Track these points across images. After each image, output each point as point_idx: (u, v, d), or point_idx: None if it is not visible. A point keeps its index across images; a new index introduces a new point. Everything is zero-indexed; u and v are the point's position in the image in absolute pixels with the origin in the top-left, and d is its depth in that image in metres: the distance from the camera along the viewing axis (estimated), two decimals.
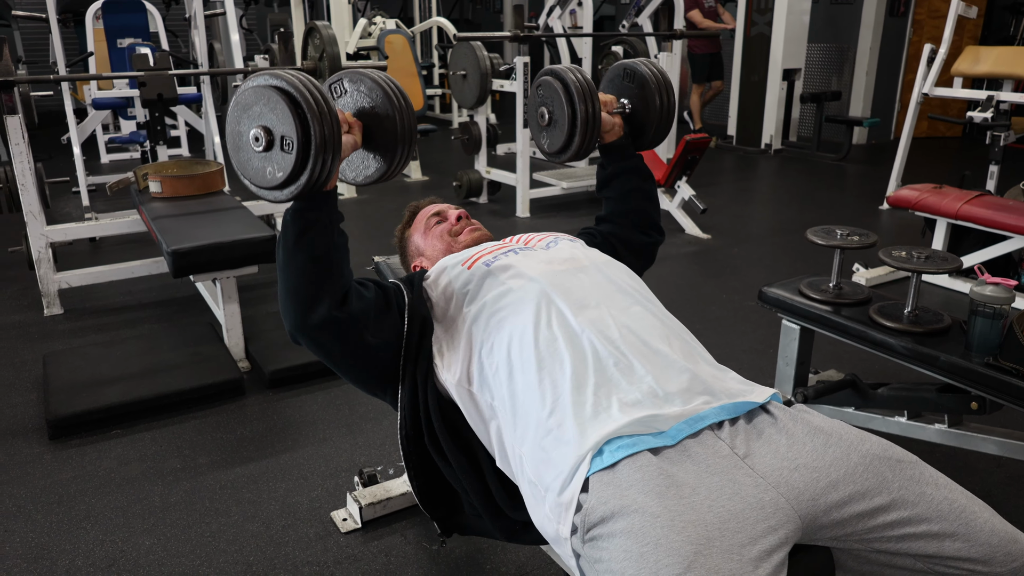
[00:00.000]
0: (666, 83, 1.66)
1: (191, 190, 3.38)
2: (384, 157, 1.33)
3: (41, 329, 3.21)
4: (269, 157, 1.19)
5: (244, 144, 1.21)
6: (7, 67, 3.03)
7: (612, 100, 1.67)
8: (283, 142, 1.16)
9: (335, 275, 1.27)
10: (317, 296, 1.25)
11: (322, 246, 1.25)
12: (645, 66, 1.66)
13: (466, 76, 5.19)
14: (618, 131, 1.67)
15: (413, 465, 1.44)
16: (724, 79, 7.76)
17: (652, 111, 1.66)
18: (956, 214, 3.38)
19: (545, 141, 1.65)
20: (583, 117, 1.55)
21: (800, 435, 1.14)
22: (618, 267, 1.47)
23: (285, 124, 1.15)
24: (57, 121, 5.36)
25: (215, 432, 2.40)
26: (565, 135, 1.58)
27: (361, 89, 1.31)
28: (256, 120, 1.19)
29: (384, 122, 1.29)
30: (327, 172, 1.19)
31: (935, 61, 4.38)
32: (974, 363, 1.77)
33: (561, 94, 1.56)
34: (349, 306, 1.28)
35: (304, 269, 1.25)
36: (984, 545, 1.08)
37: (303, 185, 1.18)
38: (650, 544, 0.98)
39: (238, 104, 1.21)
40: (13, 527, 1.96)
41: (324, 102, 1.16)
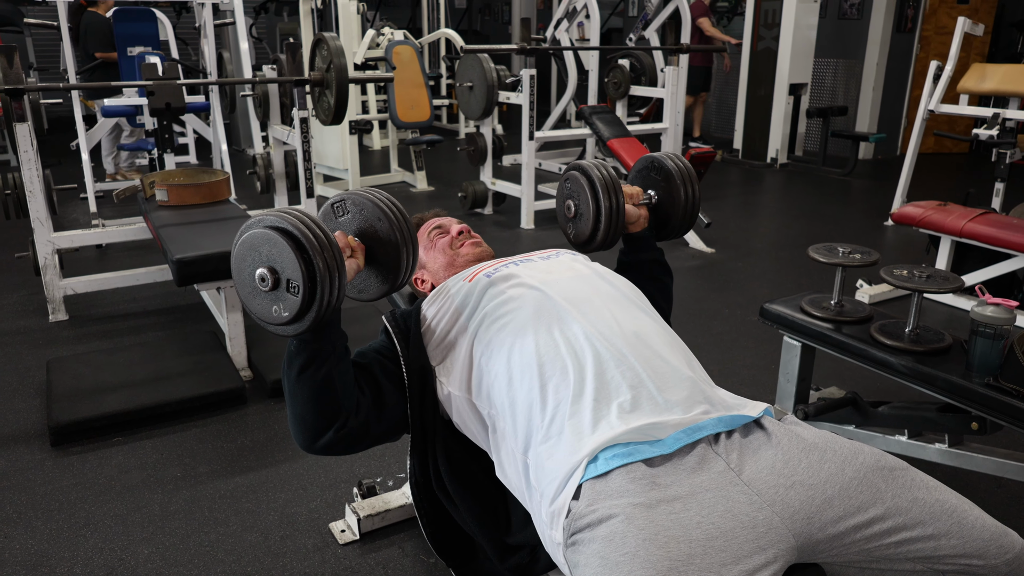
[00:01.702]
0: (691, 176, 1.71)
1: (197, 199, 3.39)
2: (387, 276, 1.37)
3: (46, 335, 3.22)
4: (275, 297, 1.21)
5: (250, 282, 1.24)
6: (17, 75, 3.06)
7: (638, 192, 1.71)
8: (289, 285, 1.19)
9: (338, 404, 1.31)
10: (322, 426, 1.30)
11: (325, 376, 1.28)
12: (671, 160, 1.73)
13: (473, 88, 5.22)
14: (643, 222, 1.72)
15: (425, 511, 1.47)
16: (712, 92, 7.91)
17: (677, 203, 1.72)
18: (960, 231, 3.38)
19: (572, 232, 1.71)
20: (607, 210, 1.60)
21: (795, 451, 1.14)
22: (620, 277, 1.49)
23: (291, 268, 1.18)
24: (67, 127, 5.39)
25: (216, 441, 2.41)
26: (590, 227, 1.63)
27: (363, 212, 1.34)
28: (262, 261, 1.21)
29: (386, 244, 1.33)
30: (332, 306, 1.21)
31: (941, 78, 4.39)
32: (975, 383, 1.77)
33: (587, 188, 1.61)
34: (351, 424, 1.33)
35: (309, 399, 1.29)
36: (977, 540, 1.11)
37: (310, 322, 1.21)
38: (627, 554, 0.98)
39: (244, 244, 1.23)
40: (13, 533, 1.97)
41: (325, 237, 1.18)
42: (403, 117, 5.89)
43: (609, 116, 5.28)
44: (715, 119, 9.31)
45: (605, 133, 5.08)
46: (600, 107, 5.43)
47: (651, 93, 5.87)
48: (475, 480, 1.40)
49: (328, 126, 3.68)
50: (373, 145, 8.09)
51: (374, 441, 1.40)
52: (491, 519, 1.38)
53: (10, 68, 3.06)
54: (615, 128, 5.14)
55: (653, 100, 6.29)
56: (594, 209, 1.61)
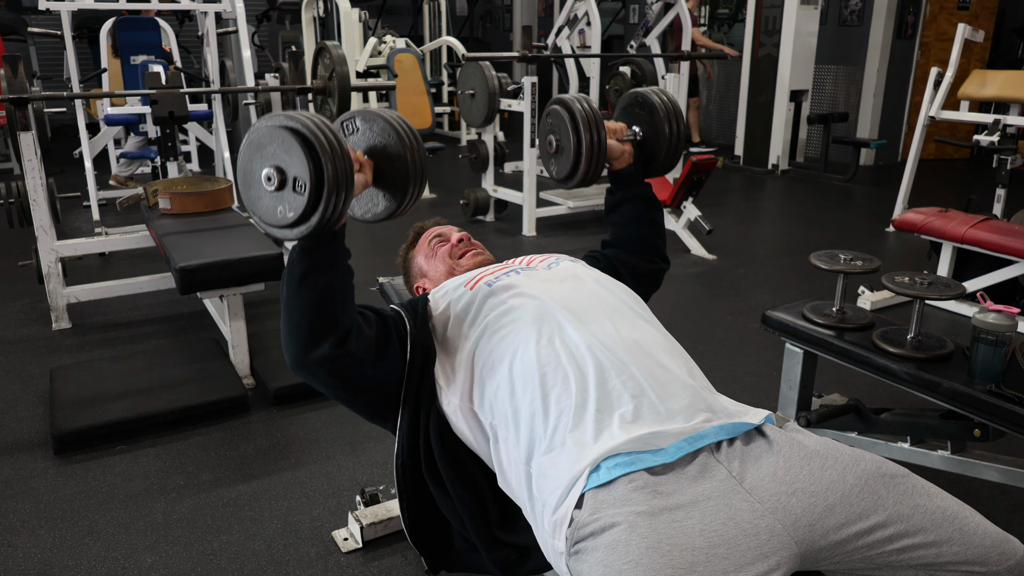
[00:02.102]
0: (676, 111, 1.69)
1: (200, 207, 3.41)
2: (394, 195, 1.34)
3: (49, 343, 3.23)
4: (281, 197, 1.19)
5: (256, 182, 1.22)
6: (22, 84, 3.07)
7: (622, 128, 1.69)
8: (295, 183, 1.17)
9: (338, 315, 1.27)
10: (319, 335, 1.26)
11: (327, 286, 1.25)
12: (656, 95, 1.69)
13: (474, 95, 5.23)
14: (628, 158, 1.70)
15: (407, 496, 1.45)
16: (712, 98, 7.93)
17: (662, 139, 1.69)
18: (962, 238, 3.38)
19: (553, 168, 1.69)
20: (588, 145, 1.57)
21: (796, 459, 1.14)
22: (620, 285, 1.49)
23: (298, 166, 1.16)
24: (70, 135, 5.42)
25: (219, 449, 2.41)
26: (571, 162, 1.61)
27: (373, 128, 1.32)
28: (269, 160, 1.19)
29: (395, 161, 1.30)
30: (338, 212, 1.19)
31: (942, 84, 4.40)
32: (977, 390, 1.77)
33: (568, 123, 1.59)
34: (350, 344, 1.28)
35: (307, 308, 1.25)
36: (979, 547, 1.11)
37: (314, 225, 1.19)
38: (630, 563, 0.99)
39: (251, 143, 1.21)
40: (16, 542, 1.97)
41: (337, 143, 1.17)
42: None
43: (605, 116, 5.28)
44: (716, 126, 9.33)
45: None
46: (602, 114, 5.44)
47: None
48: (467, 469, 1.38)
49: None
50: None
51: (362, 386, 1.34)
52: (481, 510, 1.36)
53: (15, 77, 3.07)
54: None
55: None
56: (575, 144, 1.59)
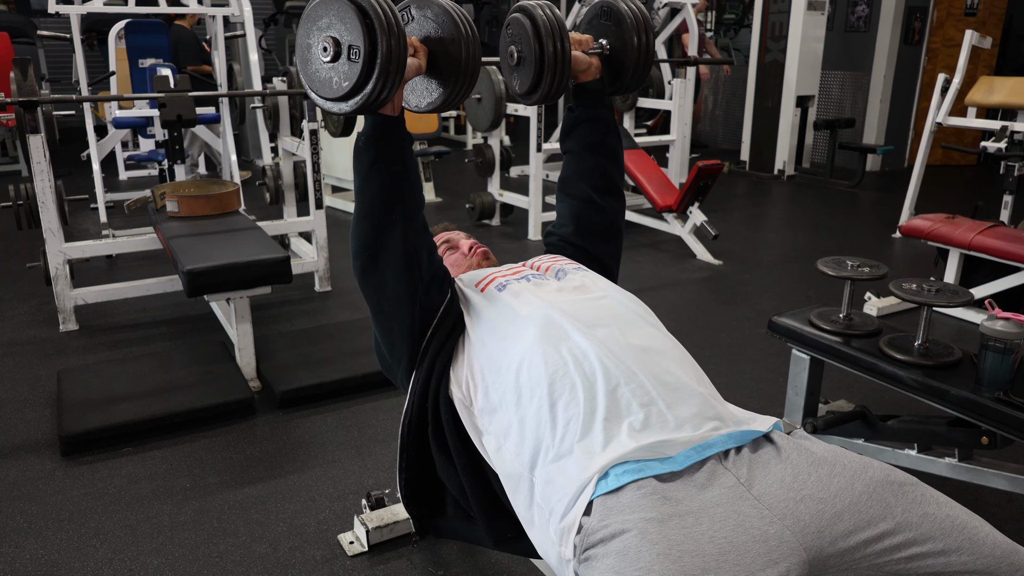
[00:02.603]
0: (645, 22, 1.58)
1: (207, 210, 3.42)
2: (447, 85, 1.34)
3: (56, 345, 3.24)
4: (336, 67, 1.21)
5: (312, 56, 1.23)
6: (32, 87, 3.09)
7: (588, 40, 1.60)
8: (350, 51, 1.19)
9: (408, 199, 1.32)
10: (391, 220, 1.31)
11: (395, 170, 1.30)
12: (623, 3, 1.59)
13: (481, 100, 5.24)
14: (594, 72, 1.61)
15: (408, 455, 1.44)
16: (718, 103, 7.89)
17: (630, 50, 1.58)
18: (969, 245, 3.37)
19: (516, 82, 1.58)
20: (551, 56, 1.47)
21: (804, 465, 1.14)
22: (627, 294, 1.48)
23: (353, 33, 1.17)
24: (78, 137, 5.44)
25: (225, 451, 2.42)
26: (534, 74, 1.51)
27: (428, 15, 1.32)
28: (325, 31, 1.21)
29: (450, 48, 1.30)
30: (390, 87, 1.21)
31: (949, 90, 4.39)
32: (984, 398, 1.76)
33: (529, 32, 1.48)
34: (419, 242, 1.34)
35: (379, 192, 1.31)
36: (988, 557, 1.10)
37: (367, 95, 1.20)
38: (642, 568, 0.98)
39: (308, 17, 1.23)
40: (24, 543, 1.98)
41: (393, 17, 1.18)
42: (411, 129, 5.90)
43: None
44: (722, 131, 9.33)
45: None
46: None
47: (658, 105, 5.89)
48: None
49: (337, 138, 3.70)
50: None
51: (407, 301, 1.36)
52: (484, 479, 1.35)
53: (24, 80, 3.09)
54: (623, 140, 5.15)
55: (660, 112, 6.31)
56: (538, 55, 1.47)
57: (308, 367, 2.85)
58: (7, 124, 6.75)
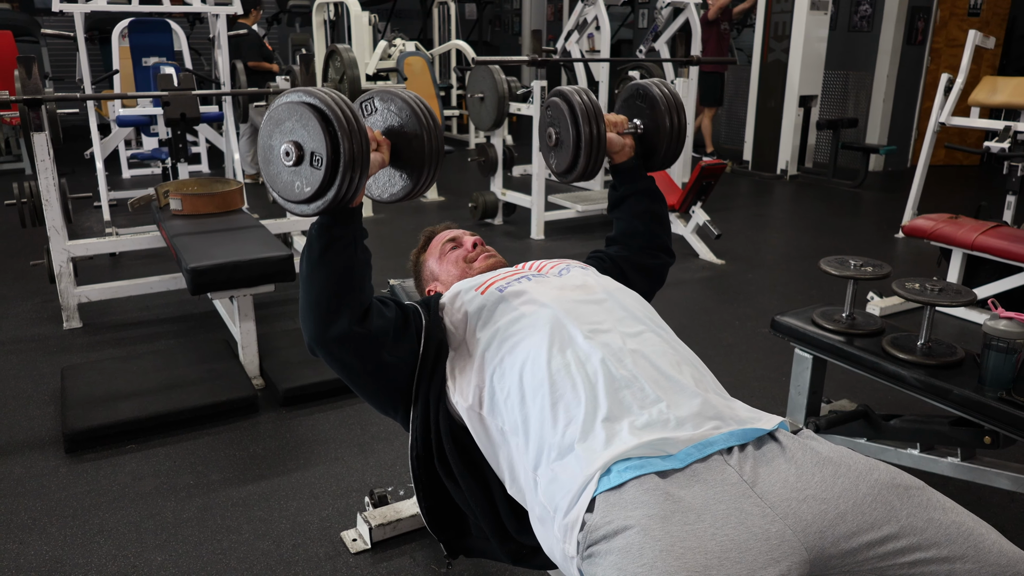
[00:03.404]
0: (677, 104, 1.66)
1: (210, 208, 3.43)
2: (411, 176, 1.35)
3: (60, 342, 3.25)
4: (298, 172, 1.21)
5: (275, 158, 1.24)
6: (35, 86, 3.10)
7: (623, 121, 1.67)
8: (312, 158, 1.19)
9: (357, 291, 1.29)
10: (338, 311, 1.28)
11: (345, 262, 1.27)
12: (656, 87, 1.67)
13: (484, 99, 5.25)
14: (628, 152, 1.68)
15: (423, 486, 1.45)
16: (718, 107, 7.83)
17: (663, 132, 1.66)
18: (972, 245, 3.37)
19: (553, 161, 1.66)
20: (587, 138, 1.55)
21: (809, 465, 1.14)
22: (630, 294, 1.48)
23: (315, 140, 1.18)
24: (81, 136, 5.45)
25: (228, 449, 2.42)
26: (571, 155, 1.59)
27: (391, 108, 1.33)
28: (288, 135, 1.21)
29: (412, 141, 1.32)
30: (354, 188, 1.21)
31: (952, 90, 4.39)
32: (987, 397, 1.76)
33: (567, 115, 1.57)
34: (369, 322, 1.31)
35: (327, 283, 1.27)
36: (994, 566, 1.08)
37: (330, 200, 1.21)
38: (644, 565, 0.99)
39: (271, 119, 1.24)
40: (28, 539, 1.98)
41: (354, 119, 1.19)
42: None
43: None
44: (725, 130, 9.32)
45: None
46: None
47: None
48: (477, 462, 1.38)
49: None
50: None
51: (376, 370, 1.35)
52: (491, 502, 1.37)
53: (28, 78, 3.10)
54: None
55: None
56: (574, 137, 1.56)
57: (311, 365, 2.85)
58: (11, 122, 6.76)
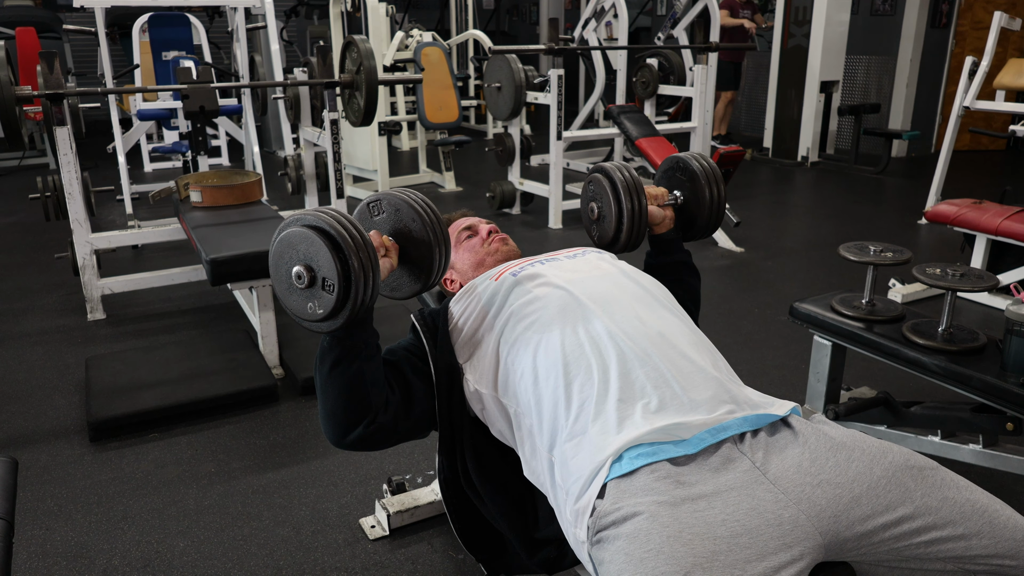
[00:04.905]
0: (716, 176, 1.70)
1: (230, 200, 3.45)
2: (419, 276, 1.39)
3: (84, 333, 3.30)
4: (311, 294, 1.24)
5: (287, 280, 1.26)
6: (57, 80, 3.13)
7: (663, 193, 1.71)
8: (324, 283, 1.21)
9: (368, 399, 1.32)
10: (353, 420, 1.32)
11: (357, 372, 1.30)
12: (696, 160, 1.72)
13: (501, 88, 5.23)
14: (668, 223, 1.71)
15: (453, 508, 1.49)
16: (742, 90, 7.78)
17: (703, 203, 1.70)
18: (996, 230, 3.32)
19: (595, 234, 1.71)
20: (629, 212, 1.59)
21: (822, 450, 1.14)
22: (646, 276, 1.49)
23: (327, 268, 1.20)
24: (103, 130, 5.51)
25: (249, 437, 2.45)
26: (613, 229, 1.63)
27: (398, 212, 1.37)
28: (299, 259, 1.23)
29: (419, 244, 1.35)
30: (366, 304, 1.23)
31: (977, 73, 4.31)
32: (1010, 383, 1.74)
33: (608, 191, 1.62)
34: (381, 419, 1.34)
35: (340, 394, 1.30)
36: (1010, 540, 1.09)
37: (344, 319, 1.23)
38: (652, 551, 0.99)
39: (282, 242, 1.26)
40: (54, 525, 2.02)
41: (360, 237, 1.20)
42: (432, 118, 5.93)
43: (637, 115, 5.27)
44: (744, 117, 9.23)
45: (633, 132, 5.07)
46: (628, 106, 5.42)
47: (680, 92, 5.84)
48: (502, 476, 1.41)
49: (358, 127, 3.72)
50: (402, 146, 8.15)
51: (402, 438, 1.42)
52: (519, 515, 1.39)
53: (51, 73, 3.13)
54: (643, 127, 5.12)
55: (682, 99, 6.26)
56: (616, 211, 1.61)
57: None
58: (35, 117, 6.85)
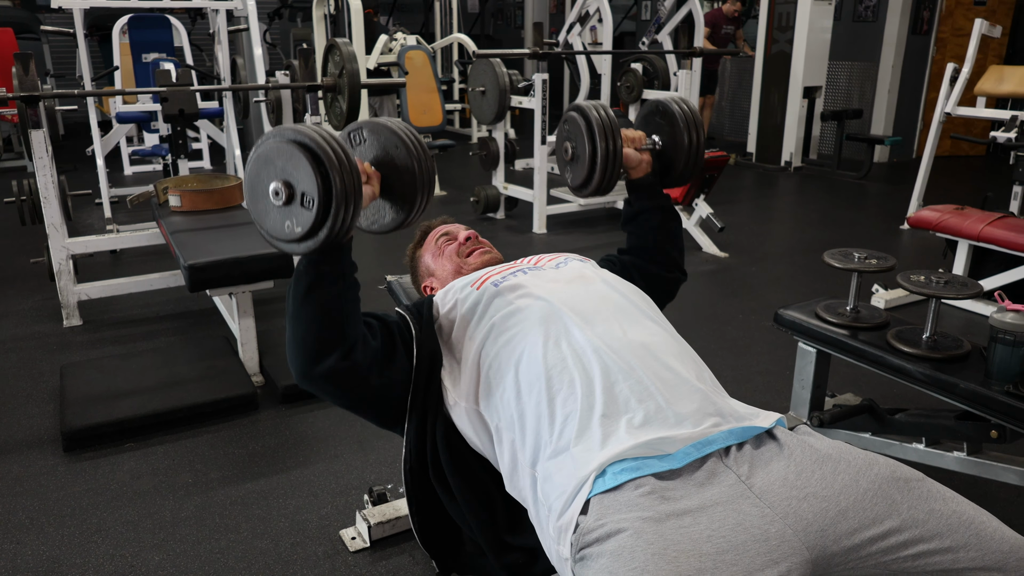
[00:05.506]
0: (696, 121, 1.67)
1: (210, 204, 3.40)
2: (402, 207, 1.34)
3: (60, 340, 3.24)
4: (289, 211, 1.19)
5: (262, 195, 1.21)
6: (33, 82, 3.08)
7: (641, 136, 1.68)
8: (303, 198, 1.17)
9: (343, 328, 1.27)
10: (324, 349, 1.26)
11: (333, 298, 1.25)
12: (676, 104, 1.67)
13: (485, 92, 5.22)
14: (646, 167, 1.68)
15: (416, 500, 1.45)
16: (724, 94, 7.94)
17: (681, 149, 1.67)
18: (978, 236, 3.34)
19: (569, 175, 1.67)
20: (603, 153, 1.56)
21: (808, 463, 1.12)
22: (629, 286, 1.46)
23: (307, 182, 1.15)
24: (83, 133, 5.44)
25: (227, 447, 2.41)
26: (586, 170, 1.60)
27: (380, 139, 1.31)
28: (277, 174, 1.18)
29: (403, 173, 1.30)
30: (346, 226, 1.19)
31: (958, 80, 4.35)
32: (994, 391, 1.74)
33: (583, 131, 1.58)
34: (355, 356, 1.29)
35: (313, 321, 1.25)
36: (996, 553, 1.08)
37: (322, 240, 1.18)
38: (636, 569, 0.97)
39: (260, 157, 1.21)
40: (25, 539, 1.97)
41: (344, 155, 1.16)
42: (415, 122, 5.90)
43: (622, 120, 5.26)
44: (728, 122, 9.27)
45: None
46: (613, 111, 5.41)
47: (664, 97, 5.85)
48: (475, 474, 1.37)
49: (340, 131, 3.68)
50: None
51: (370, 395, 1.34)
52: (488, 514, 1.36)
53: (26, 75, 3.08)
54: None
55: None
56: (590, 152, 1.57)
57: None
58: (11, 119, 6.75)
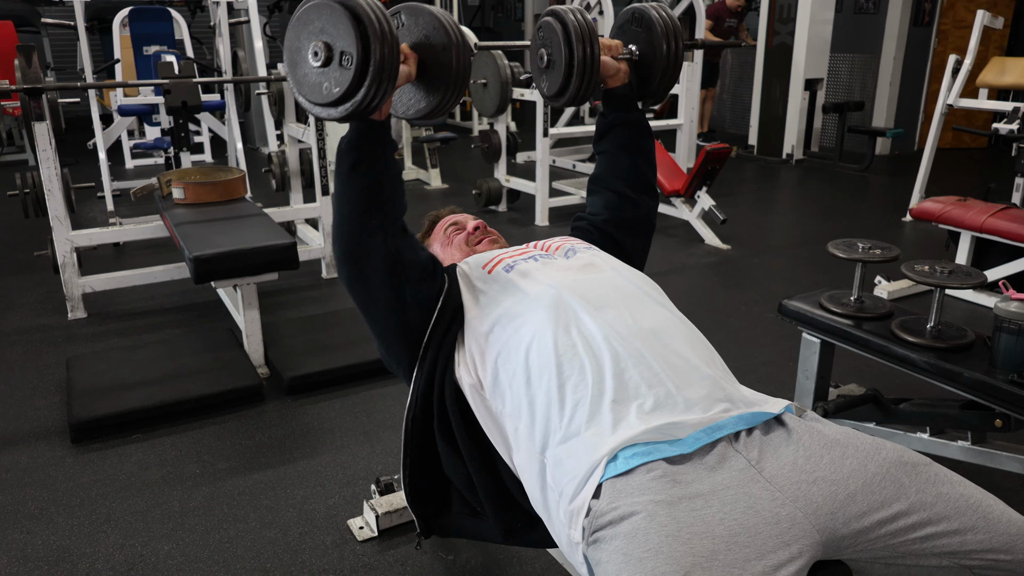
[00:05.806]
0: (675, 29, 1.60)
1: (213, 196, 3.41)
2: (436, 93, 1.32)
3: (65, 332, 3.25)
4: (327, 73, 1.19)
5: (302, 59, 1.21)
6: (36, 75, 3.08)
7: (618, 45, 1.61)
8: (342, 57, 1.16)
9: (389, 205, 1.30)
10: (369, 225, 1.29)
11: (376, 176, 1.28)
12: (654, 10, 1.60)
13: (487, 85, 5.21)
14: (623, 77, 1.63)
15: (411, 452, 1.44)
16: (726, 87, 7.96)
17: (659, 57, 1.60)
18: (981, 227, 3.34)
19: (544, 84, 1.60)
20: (580, 59, 1.49)
21: (816, 447, 1.13)
22: (637, 273, 1.47)
23: (346, 40, 1.15)
24: (85, 126, 5.44)
25: (234, 438, 2.42)
26: (563, 77, 1.53)
27: (419, 22, 1.30)
28: (317, 35, 1.18)
29: (440, 56, 1.29)
30: (381, 95, 1.19)
31: (960, 72, 4.34)
32: (998, 380, 1.75)
33: (560, 36, 1.50)
34: (400, 243, 1.31)
35: (359, 199, 1.28)
36: (1004, 535, 1.09)
37: (358, 103, 1.18)
38: (650, 551, 0.98)
39: (299, 20, 1.20)
40: (35, 529, 1.98)
41: (387, 24, 1.16)
42: None
43: None
44: (730, 115, 9.26)
45: None
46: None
47: None
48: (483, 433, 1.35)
49: (343, 123, 3.68)
50: None
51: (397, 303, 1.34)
52: (493, 468, 1.35)
53: (28, 68, 3.08)
54: None
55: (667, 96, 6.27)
56: (567, 59, 1.50)
57: (316, 353, 2.85)
58: (13, 112, 6.75)
